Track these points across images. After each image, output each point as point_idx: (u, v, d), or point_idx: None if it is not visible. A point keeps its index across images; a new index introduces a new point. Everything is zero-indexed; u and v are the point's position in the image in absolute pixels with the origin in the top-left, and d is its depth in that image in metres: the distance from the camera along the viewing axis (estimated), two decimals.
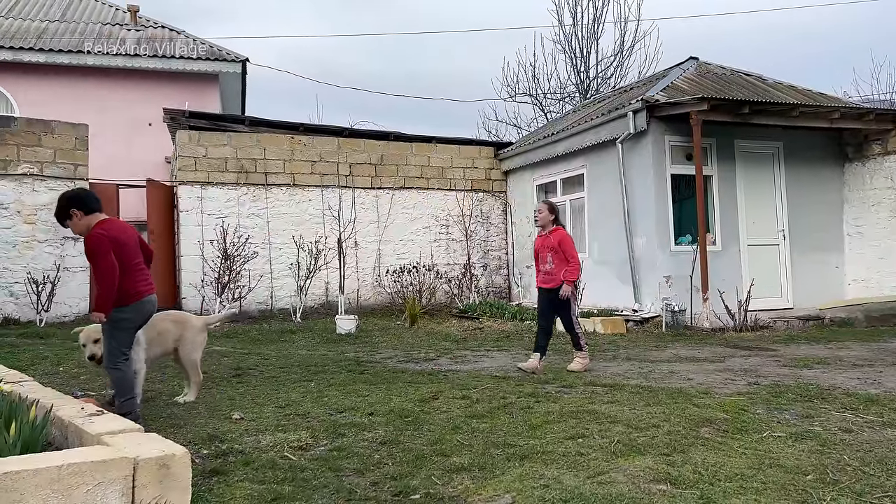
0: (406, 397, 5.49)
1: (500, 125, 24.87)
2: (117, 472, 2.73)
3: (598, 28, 22.50)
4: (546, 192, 13.77)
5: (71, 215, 4.61)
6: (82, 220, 4.61)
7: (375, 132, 14.13)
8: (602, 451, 3.85)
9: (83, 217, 4.61)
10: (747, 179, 11.41)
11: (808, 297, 11.33)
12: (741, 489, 3.18)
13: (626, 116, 10.94)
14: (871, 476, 3.37)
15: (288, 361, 7.64)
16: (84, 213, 4.62)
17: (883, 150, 11.50)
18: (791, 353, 7.81)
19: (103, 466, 2.71)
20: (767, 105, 10.45)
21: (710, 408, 4.89)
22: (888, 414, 4.66)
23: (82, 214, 4.61)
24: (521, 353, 8.19)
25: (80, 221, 4.61)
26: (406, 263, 13.12)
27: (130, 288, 4.60)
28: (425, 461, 3.81)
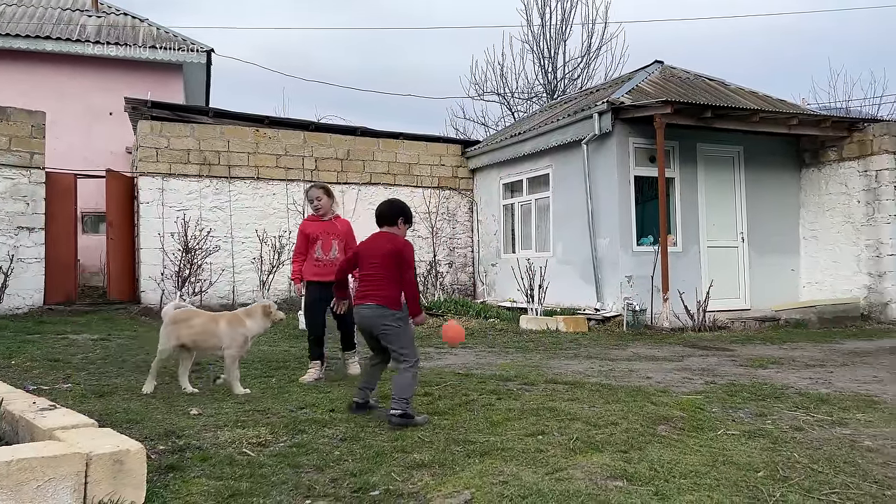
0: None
1: (468, 123, 24.95)
2: (69, 467, 2.68)
3: (565, 29, 22.72)
4: (512, 191, 13.86)
5: (399, 223, 4.97)
6: (402, 228, 5.00)
7: (342, 127, 14.06)
8: (561, 447, 3.89)
9: (403, 227, 5.01)
10: (708, 182, 11.64)
11: (764, 298, 11.62)
12: (695, 485, 3.24)
13: (592, 118, 11.07)
14: (819, 473, 3.46)
15: (248, 357, 7.51)
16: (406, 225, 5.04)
17: (838, 156, 11.83)
18: (747, 353, 7.99)
19: (54, 462, 2.65)
20: (729, 110, 10.67)
21: (668, 406, 4.98)
22: (837, 413, 4.80)
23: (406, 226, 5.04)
24: (485, 351, 8.24)
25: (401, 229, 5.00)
26: None
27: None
28: (386, 458, 3.80)
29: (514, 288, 12.23)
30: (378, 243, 4.87)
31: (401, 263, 4.74)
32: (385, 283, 4.76)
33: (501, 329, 10.37)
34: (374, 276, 4.81)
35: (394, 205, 5.06)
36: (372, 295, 4.75)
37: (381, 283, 4.76)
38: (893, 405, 5.06)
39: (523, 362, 7.30)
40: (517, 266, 11.80)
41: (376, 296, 4.74)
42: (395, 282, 4.76)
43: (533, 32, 23.03)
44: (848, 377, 6.34)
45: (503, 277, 13.50)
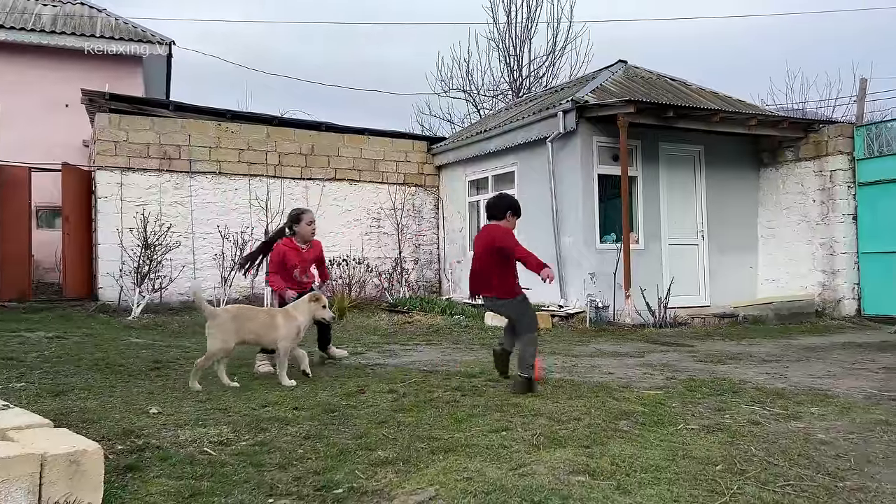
0: (332, 391, 5.44)
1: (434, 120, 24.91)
2: (23, 468, 2.60)
3: (531, 27, 22.84)
4: (478, 189, 13.90)
5: (507, 216, 5.49)
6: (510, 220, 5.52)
7: (306, 122, 13.92)
8: (525, 443, 3.92)
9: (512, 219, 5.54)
10: (670, 181, 11.83)
11: (723, 295, 11.86)
12: (655, 479, 3.30)
13: (557, 116, 11.15)
14: (775, 466, 3.55)
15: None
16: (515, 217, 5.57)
17: (795, 156, 12.13)
18: (707, 349, 8.15)
19: (8, 464, 2.58)
20: (691, 110, 10.85)
21: (629, 401, 5.05)
22: (793, 407, 4.92)
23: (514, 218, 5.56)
24: (450, 347, 8.25)
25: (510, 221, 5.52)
26: (336, 256, 12.98)
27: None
28: (350, 455, 3.78)
29: None
30: (480, 238, 5.61)
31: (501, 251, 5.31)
32: (490, 276, 5.41)
33: (467, 326, 10.39)
34: (479, 271, 5.54)
35: (502, 199, 5.63)
36: (484, 288, 5.51)
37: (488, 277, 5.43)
38: (845, 399, 5.21)
39: (488, 359, 7.29)
40: None
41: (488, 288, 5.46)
42: (498, 272, 5.36)
43: (499, 30, 23.13)
44: (803, 372, 6.50)
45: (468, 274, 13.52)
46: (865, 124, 12.18)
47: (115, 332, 9.17)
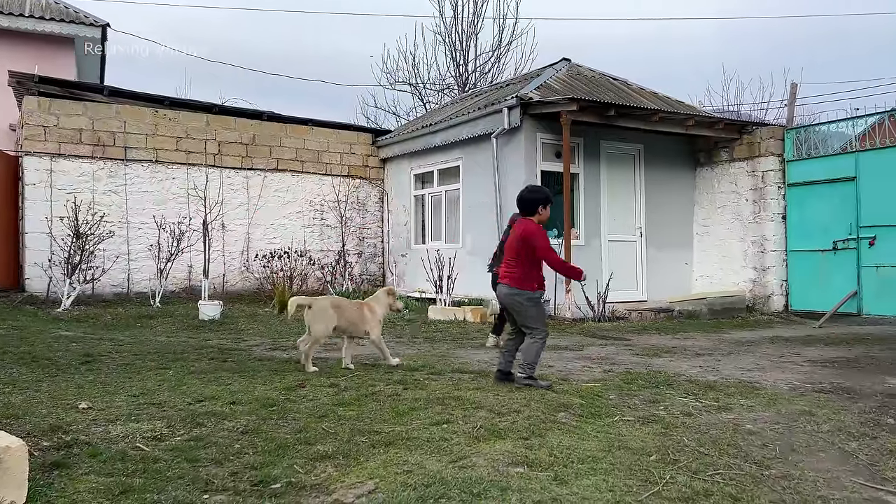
0: (271, 386, 5.36)
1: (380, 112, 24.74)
2: None
3: (477, 23, 22.91)
4: (423, 182, 13.89)
5: (539, 210, 5.45)
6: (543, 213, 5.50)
7: (248, 111, 13.62)
8: (465, 436, 3.94)
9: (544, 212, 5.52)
10: (610, 179, 12.07)
11: (660, 290, 12.19)
12: (592, 470, 3.37)
13: (502, 112, 11.22)
14: (705, 455, 3.67)
15: (144, 348, 7.23)
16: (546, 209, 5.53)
17: (729, 157, 12.54)
18: (643, 343, 8.36)
19: None
20: (631, 109, 11.08)
21: (568, 394, 5.14)
22: (723, 399, 5.10)
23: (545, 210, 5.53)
24: (393, 341, 8.21)
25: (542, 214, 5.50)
26: (277, 248, 12.79)
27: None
28: (288, 450, 3.73)
29: (423, 279, 12.28)
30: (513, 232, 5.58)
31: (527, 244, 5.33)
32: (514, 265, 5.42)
33: (410, 319, 10.39)
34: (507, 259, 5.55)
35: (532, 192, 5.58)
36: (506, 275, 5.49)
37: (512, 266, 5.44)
38: (772, 391, 5.42)
39: (431, 352, 7.35)
40: (427, 257, 11.85)
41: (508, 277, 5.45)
42: (523, 264, 5.36)
43: (445, 24, 23.13)
44: (733, 365, 6.74)
45: (413, 268, 13.53)
46: (795, 127, 12.69)
47: (42, 325, 8.80)
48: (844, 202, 11.06)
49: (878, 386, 5.65)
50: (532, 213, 5.46)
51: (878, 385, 5.69)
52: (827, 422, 4.37)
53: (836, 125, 11.72)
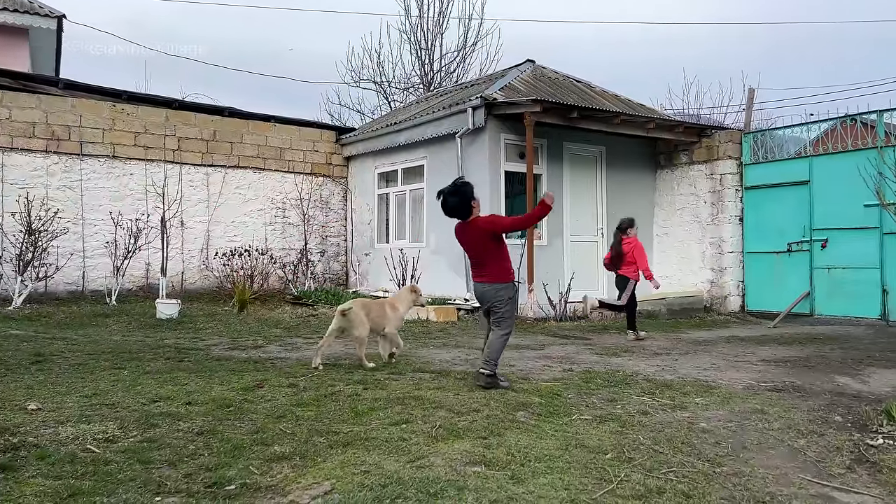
0: (229, 386, 5.28)
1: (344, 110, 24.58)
2: None
3: (443, 22, 22.90)
4: (388, 181, 13.84)
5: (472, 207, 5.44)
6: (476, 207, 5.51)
7: (209, 106, 13.40)
8: (424, 435, 3.94)
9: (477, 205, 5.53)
10: (573, 179, 12.19)
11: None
12: (548, 469, 3.39)
13: (466, 112, 11.25)
14: (660, 454, 3.73)
15: (98, 347, 7.06)
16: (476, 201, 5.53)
17: (689, 160, 12.77)
18: (603, 342, 8.46)
19: None
20: (594, 111, 11.20)
21: (528, 392, 5.17)
22: (679, 397, 5.18)
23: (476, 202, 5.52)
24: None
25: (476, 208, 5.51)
26: (238, 246, 12.60)
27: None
28: (244, 451, 3.69)
29: (387, 278, 12.24)
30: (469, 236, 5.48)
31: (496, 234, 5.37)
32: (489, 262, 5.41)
33: None
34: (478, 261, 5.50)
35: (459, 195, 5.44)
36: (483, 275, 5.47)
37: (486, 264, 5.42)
38: (727, 389, 5.53)
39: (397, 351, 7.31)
40: (390, 256, 11.82)
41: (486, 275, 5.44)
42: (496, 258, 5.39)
43: (411, 23, 23.06)
44: (690, 364, 6.86)
45: (377, 267, 13.47)
46: (752, 132, 12.99)
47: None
48: (798, 205, 11.36)
49: (827, 385, 5.81)
50: (469, 213, 5.44)
51: (827, 384, 5.85)
52: (778, 420, 4.48)
53: (792, 130, 12.02)
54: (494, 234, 5.35)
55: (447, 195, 5.48)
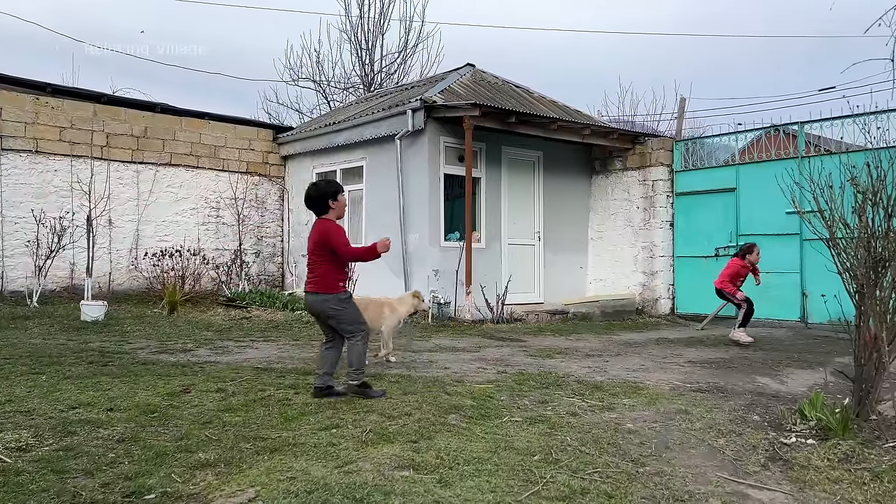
0: (154, 391, 5.13)
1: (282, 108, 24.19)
2: None
3: (384, 23, 22.82)
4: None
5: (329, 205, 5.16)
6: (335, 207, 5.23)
7: (140, 102, 12.98)
8: (354, 440, 3.91)
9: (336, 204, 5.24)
10: (511, 184, 12.33)
11: (556, 293, 12.56)
12: (476, 471, 3.41)
13: (406, 114, 11.23)
14: (586, 454, 3.80)
15: (16, 351, 6.75)
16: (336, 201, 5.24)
17: (623, 166, 13.09)
18: (538, 344, 8.58)
19: None
20: (531, 117, 11.35)
21: (461, 395, 5.20)
22: (608, 398, 5.30)
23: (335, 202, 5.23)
24: (289, 344, 8.06)
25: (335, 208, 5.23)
26: (169, 246, 12.23)
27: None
28: (167, 458, 3.58)
29: None
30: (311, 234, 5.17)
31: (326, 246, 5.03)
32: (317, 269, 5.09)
33: (308, 321, 10.18)
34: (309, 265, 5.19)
35: (319, 189, 5.24)
36: (310, 282, 5.16)
37: (315, 271, 5.10)
38: (654, 390, 5.69)
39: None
40: None
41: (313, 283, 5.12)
42: (326, 266, 5.07)
43: (351, 23, 22.90)
44: (620, 366, 7.03)
45: None
46: (683, 139, 13.41)
47: None
48: (726, 211, 11.78)
49: (748, 385, 6.04)
50: (325, 210, 5.16)
51: (748, 384, 6.08)
52: (700, 420, 4.63)
53: (722, 139, 12.47)
54: (326, 244, 5.04)
55: (312, 184, 5.40)
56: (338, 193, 5.20)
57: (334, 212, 5.18)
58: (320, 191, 5.21)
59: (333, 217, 5.18)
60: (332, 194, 5.18)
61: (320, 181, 5.70)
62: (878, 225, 4.26)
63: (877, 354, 4.21)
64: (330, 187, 5.24)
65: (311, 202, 5.20)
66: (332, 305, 5.08)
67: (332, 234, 5.03)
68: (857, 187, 4.42)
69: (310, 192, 5.24)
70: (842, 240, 4.47)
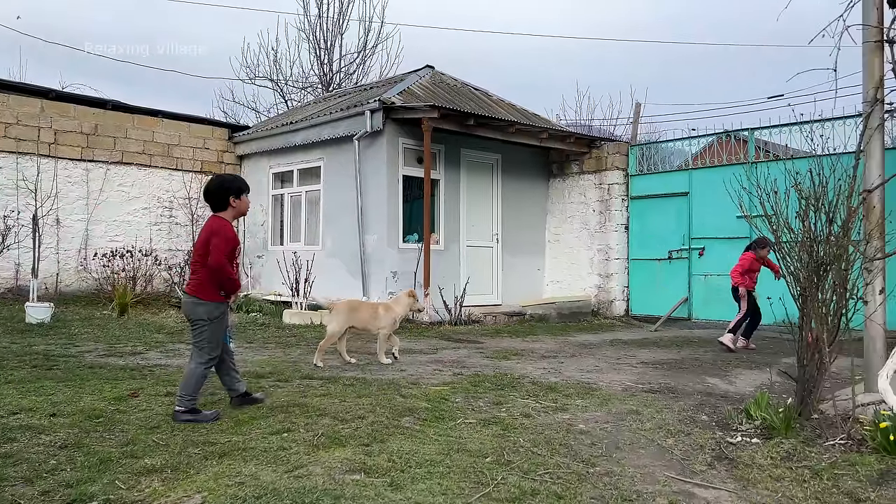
0: (100, 395, 4.99)
1: (238, 107, 23.79)
2: None
3: (343, 23, 22.68)
4: (283, 182, 13.54)
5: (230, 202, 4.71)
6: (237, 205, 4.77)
7: (90, 98, 12.65)
8: (305, 444, 3.86)
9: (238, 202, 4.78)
10: (470, 186, 12.37)
11: (514, 294, 12.65)
12: (428, 474, 3.41)
13: (364, 115, 11.18)
14: (538, 455, 3.83)
15: None
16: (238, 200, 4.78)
17: (580, 169, 13.25)
18: (495, 346, 8.62)
19: None
20: (490, 120, 11.41)
21: (416, 398, 5.18)
22: (561, 399, 5.35)
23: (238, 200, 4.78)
24: (242, 346, 7.93)
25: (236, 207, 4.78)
26: (120, 247, 11.94)
27: None
28: (111, 465, 3.49)
29: (280, 281, 11.95)
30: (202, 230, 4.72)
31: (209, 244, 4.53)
32: (200, 270, 4.59)
33: (263, 324, 10.07)
34: (192, 264, 4.74)
35: (221, 183, 4.78)
36: (189, 282, 4.71)
37: (197, 271, 4.62)
38: (607, 391, 5.76)
39: (282, 358, 7.17)
40: (284, 259, 11.57)
41: (191, 283, 4.65)
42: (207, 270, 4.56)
43: (310, 22, 22.69)
44: (575, 367, 7.10)
45: (270, 270, 13.13)
46: (638, 144, 13.63)
47: None
48: (679, 215, 12.03)
49: (698, 385, 6.17)
50: (223, 207, 4.66)
51: (699, 384, 6.21)
52: (650, 420, 4.71)
53: (676, 144, 12.73)
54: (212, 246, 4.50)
55: (217, 176, 5.02)
56: (242, 192, 4.73)
57: (233, 211, 4.69)
58: (225, 184, 4.72)
59: (230, 217, 4.69)
60: (235, 191, 4.69)
61: (227, 174, 5.18)
62: (819, 229, 4.39)
63: (818, 355, 4.34)
64: (235, 183, 4.78)
65: (210, 195, 4.70)
66: (201, 313, 4.51)
67: (218, 236, 4.51)
68: (801, 193, 4.56)
69: (212, 184, 4.75)
70: (786, 244, 4.60)
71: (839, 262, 4.32)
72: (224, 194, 4.66)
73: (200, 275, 4.57)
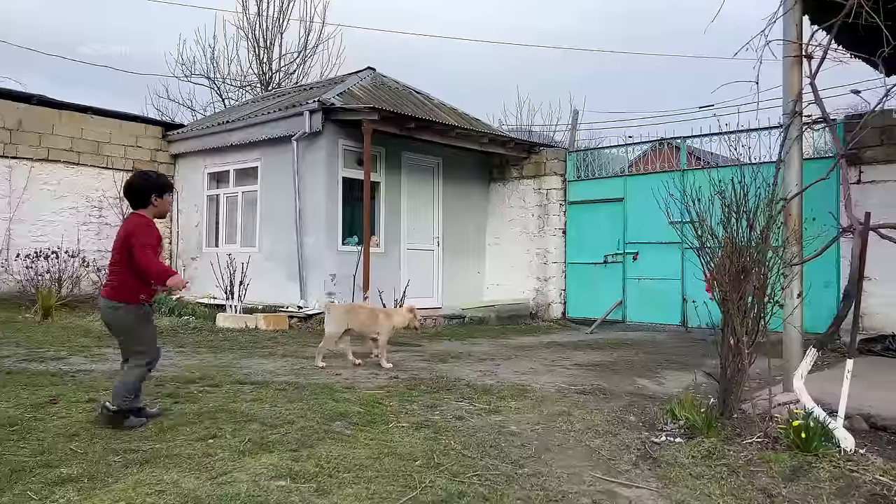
0: (16, 402, 4.78)
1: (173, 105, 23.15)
2: None
3: (283, 22, 22.38)
4: (218, 182, 13.25)
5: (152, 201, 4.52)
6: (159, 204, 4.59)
7: (13, 92, 12.11)
8: (231, 450, 3.78)
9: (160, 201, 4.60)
10: (411, 189, 12.37)
11: (454, 297, 12.70)
12: (356, 478, 3.38)
13: (303, 115, 11.04)
14: (468, 458, 3.85)
15: None
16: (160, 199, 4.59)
17: (519, 174, 13.41)
18: (433, 349, 8.63)
19: None
20: (431, 123, 11.44)
21: (349, 402, 5.14)
22: (495, 402, 5.39)
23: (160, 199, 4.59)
24: (173, 351, 7.71)
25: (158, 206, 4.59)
26: (45, 247, 11.44)
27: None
28: (24, 475, 3.34)
29: (214, 284, 11.68)
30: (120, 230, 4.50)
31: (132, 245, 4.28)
32: (118, 272, 4.39)
33: (195, 327, 9.82)
34: (110, 266, 4.54)
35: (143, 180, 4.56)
36: (106, 286, 4.49)
37: (115, 273, 4.42)
38: (540, 393, 5.84)
39: (212, 362, 7.00)
40: (218, 261, 11.31)
41: (109, 286, 4.44)
42: (128, 270, 4.34)
43: (248, 20, 22.30)
44: (511, 369, 7.17)
45: (204, 272, 12.79)
46: (575, 150, 13.90)
47: None
48: (614, 221, 12.30)
49: (629, 386, 6.31)
50: (145, 204, 4.47)
51: (629, 386, 6.35)
52: (580, 421, 4.79)
53: (614, 150, 13.02)
54: (131, 245, 4.28)
55: (140, 172, 4.78)
56: (165, 191, 4.54)
57: (154, 209, 4.49)
58: (148, 182, 4.51)
59: (151, 215, 4.48)
60: (158, 189, 4.50)
61: (151, 171, 4.96)
62: (740, 236, 4.56)
63: (738, 358, 4.50)
64: (160, 181, 4.60)
65: (132, 192, 4.50)
66: (124, 318, 4.34)
67: (138, 233, 4.29)
68: (724, 200, 4.72)
69: (134, 179, 4.56)
70: (710, 249, 4.75)
71: (759, 268, 4.49)
72: (146, 191, 4.47)
73: (119, 276, 4.36)
